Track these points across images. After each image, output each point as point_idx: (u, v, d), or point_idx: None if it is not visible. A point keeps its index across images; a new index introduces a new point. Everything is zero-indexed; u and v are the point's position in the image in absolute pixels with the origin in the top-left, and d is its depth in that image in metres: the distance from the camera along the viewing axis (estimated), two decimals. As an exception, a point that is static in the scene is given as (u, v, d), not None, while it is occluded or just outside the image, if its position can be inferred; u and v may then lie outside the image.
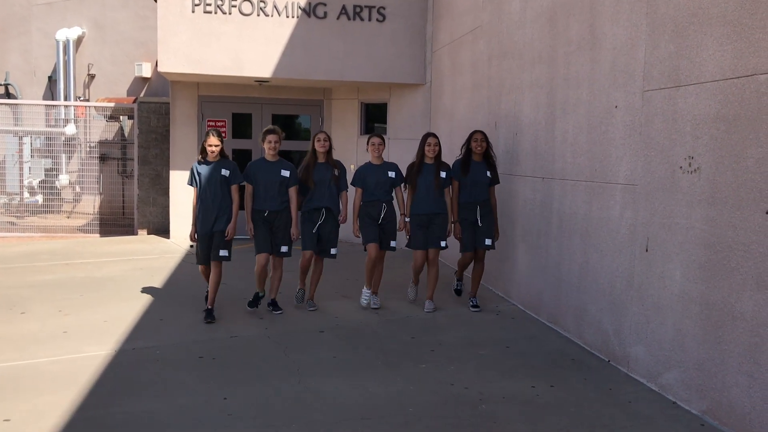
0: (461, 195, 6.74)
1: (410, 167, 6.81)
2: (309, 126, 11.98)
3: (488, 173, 6.74)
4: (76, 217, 13.69)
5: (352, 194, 6.81)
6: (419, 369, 5.08)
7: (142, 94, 14.32)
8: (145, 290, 7.50)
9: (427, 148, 6.70)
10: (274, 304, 6.65)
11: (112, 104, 12.99)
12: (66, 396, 4.45)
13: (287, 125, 12.01)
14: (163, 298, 7.18)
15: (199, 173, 6.32)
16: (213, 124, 11.33)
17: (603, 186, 5.38)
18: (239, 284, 7.49)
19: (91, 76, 14.84)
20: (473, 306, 6.81)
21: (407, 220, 6.78)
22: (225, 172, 6.32)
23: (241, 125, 11.71)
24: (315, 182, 6.58)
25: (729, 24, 4.01)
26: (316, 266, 6.81)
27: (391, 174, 6.81)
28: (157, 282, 7.95)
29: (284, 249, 6.53)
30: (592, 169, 5.55)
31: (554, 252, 6.21)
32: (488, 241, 6.75)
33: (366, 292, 6.87)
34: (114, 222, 13.00)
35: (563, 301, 6.05)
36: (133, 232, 12.26)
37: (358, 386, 4.71)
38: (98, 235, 12.43)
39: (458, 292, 7.36)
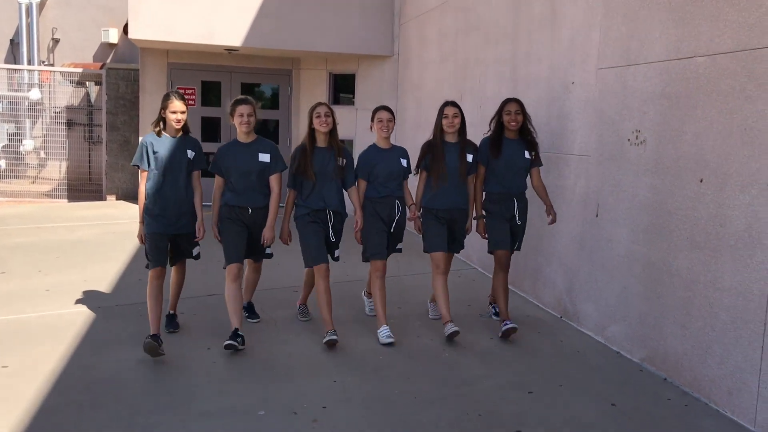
0: (490, 183, 5.31)
1: (427, 147, 5.26)
2: (277, 94, 12.18)
3: (527, 154, 5.28)
4: (42, 183, 13.68)
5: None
6: (388, 324, 5.47)
7: (108, 60, 14.27)
8: (120, 253, 7.73)
9: (444, 120, 5.16)
10: (249, 310, 5.44)
11: (79, 70, 12.96)
12: (58, 346, 4.74)
13: (256, 93, 12.20)
14: (139, 260, 7.41)
15: (154, 151, 4.73)
16: (182, 91, 11.44)
17: (559, 157, 5.80)
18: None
19: (56, 41, 14.68)
20: (508, 328, 5.10)
21: (418, 215, 5.32)
22: (190, 153, 4.84)
23: (211, 93, 11.87)
24: (315, 174, 4.98)
25: (674, 10, 4.42)
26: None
27: (404, 162, 5.28)
28: (131, 245, 8.17)
29: (268, 251, 5.18)
30: (550, 141, 5.96)
31: (513, 218, 6.63)
32: (517, 244, 5.46)
33: (384, 330, 5.07)
34: (81, 188, 13.06)
35: (521, 263, 6.50)
36: (102, 198, 12.37)
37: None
38: (66, 200, 12.50)
39: (498, 314, 5.58)
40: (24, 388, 4.04)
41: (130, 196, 12.22)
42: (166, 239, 4.79)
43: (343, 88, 11.86)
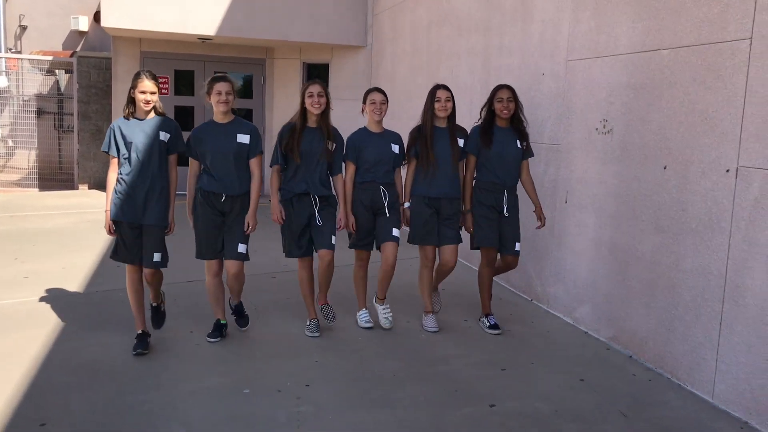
0: (481, 172, 5.08)
1: (416, 132, 5.04)
2: (251, 83, 12.22)
3: (519, 144, 5.09)
4: (10, 172, 13.52)
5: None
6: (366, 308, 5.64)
7: (78, 48, 14.13)
8: (97, 241, 7.76)
9: (437, 104, 4.96)
10: (238, 313, 4.97)
11: (49, 57, 12.83)
12: (43, 331, 4.82)
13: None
14: (116, 248, 7.47)
15: (123, 135, 4.38)
16: (155, 80, 11.43)
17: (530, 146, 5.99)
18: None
19: (23, 28, 14.49)
20: (491, 326, 5.09)
21: (407, 206, 5.09)
22: (164, 135, 4.45)
23: (184, 82, 11.87)
24: (301, 155, 4.73)
25: (640, 5, 4.63)
26: (323, 269, 4.84)
27: (395, 148, 5.01)
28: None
29: (242, 248, 4.66)
30: (521, 130, 6.16)
31: (486, 205, 6.83)
32: (518, 245, 5.13)
33: (363, 314, 5.19)
34: (51, 177, 12.96)
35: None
36: (74, 187, 12.31)
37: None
38: (37, 189, 12.40)
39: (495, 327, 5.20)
40: (10, 370, 4.12)
41: (103, 185, 12.16)
42: (136, 229, 4.45)
43: (316, 77, 11.92)
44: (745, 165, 3.78)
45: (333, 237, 4.81)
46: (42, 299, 5.56)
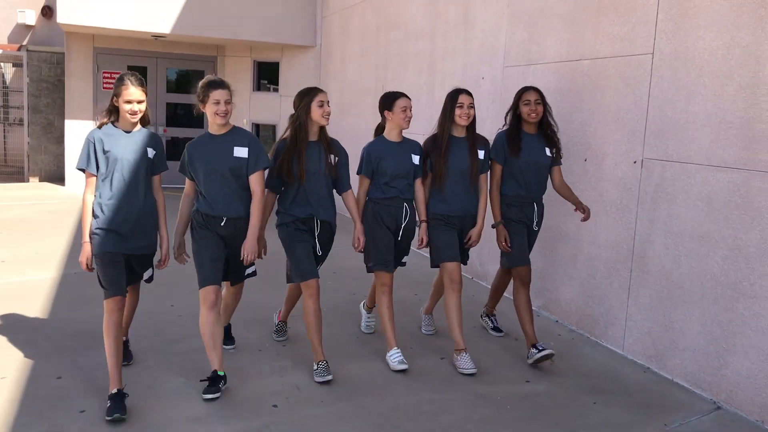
0: (506, 185, 4.66)
1: (431, 142, 4.56)
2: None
3: (548, 151, 4.68)
4: (-48, 165, 13.56)
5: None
6: (327, 286, 6.27)
7: (25, 42, 14.20)
8: (63, 229, 8.13)
9: (458, 110, 4.47)
10: (225, 334, 4.47)
11: (-2, 51, 12.92)
12: (34, 305, 5.28)
13: (180, 79, 12.60)
14: (83, 236, 7.87)
15: (105, 150, 3.74)
16: (108, 75, 11.73)
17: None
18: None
19: (-34, 20, 14.45)
20: (542, 358, 4.47)
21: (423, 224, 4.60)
22: (151, 152, 3.86)
23: (137, 78, 12.18)
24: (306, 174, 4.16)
25: (565, 20, 5.43)
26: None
27: (415, 159, 4.51)
28: (71, 222, 8.57)
29: (250, 270, 4.30)
30: (463, 127, 6.91)
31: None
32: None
33: (395, 354, 4.43)
34: (-3, 170, 13.09)
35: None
36: (24, 180, 12.46)
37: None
38: (-16, 181, 12.52)
39: (498, 329, 5.21)
40: (15, 339, 4.59)
41: (54, 178, 12.39)
42: (122, 258, 3.82)
43: (267, 75, 12.47)
44: (649, 157, 4.61)
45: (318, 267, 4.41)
46: (25, 280, 5.98)
